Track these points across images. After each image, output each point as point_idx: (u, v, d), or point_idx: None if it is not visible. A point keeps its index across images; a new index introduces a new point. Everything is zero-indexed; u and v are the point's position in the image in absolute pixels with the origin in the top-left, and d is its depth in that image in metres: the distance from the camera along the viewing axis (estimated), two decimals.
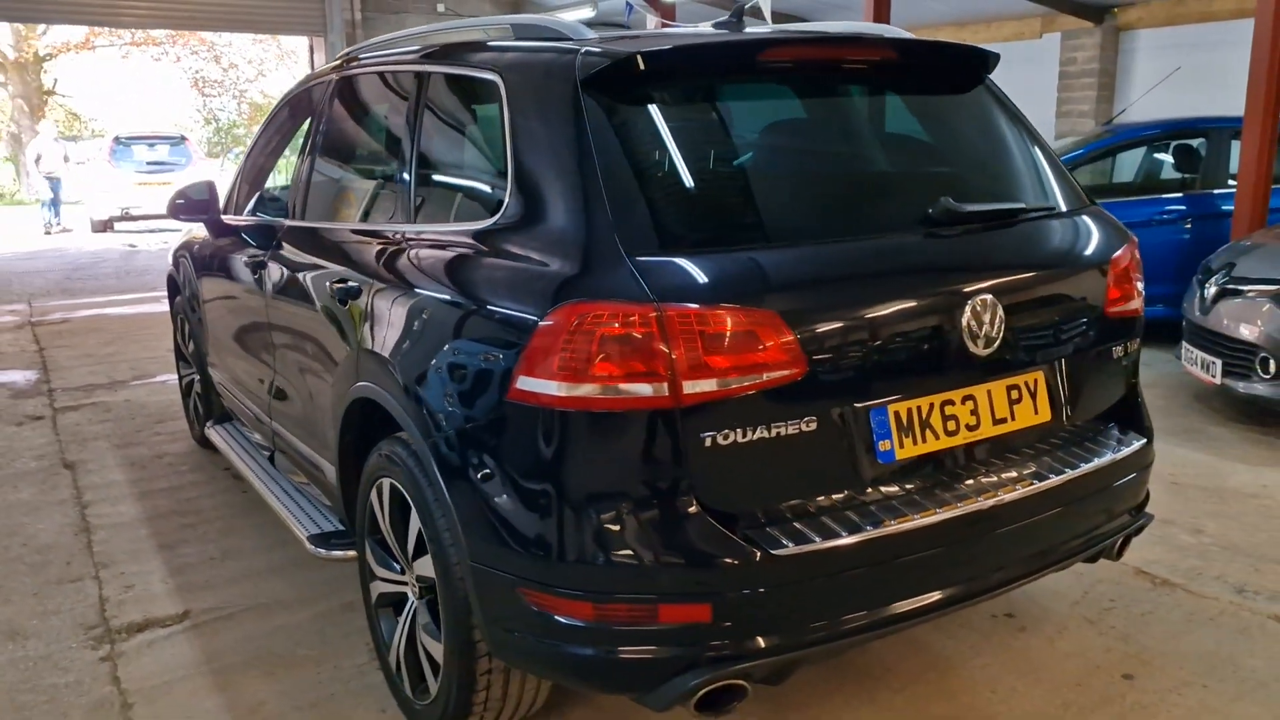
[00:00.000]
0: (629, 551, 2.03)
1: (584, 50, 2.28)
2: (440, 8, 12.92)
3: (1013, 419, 2.42)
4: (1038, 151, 2.75)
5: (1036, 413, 2.47)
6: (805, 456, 2.13)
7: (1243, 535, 3.84)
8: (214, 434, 4.55)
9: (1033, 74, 10.80)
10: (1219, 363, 5.16)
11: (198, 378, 4.88)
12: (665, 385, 1.98)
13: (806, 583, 2.09)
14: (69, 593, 3.60)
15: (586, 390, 1.99)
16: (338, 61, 3.62)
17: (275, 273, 3.48)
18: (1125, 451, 2.58)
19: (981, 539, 2.31)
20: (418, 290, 2.51)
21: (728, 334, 2.01)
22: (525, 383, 2.06)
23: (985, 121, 2.69)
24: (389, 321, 2.57)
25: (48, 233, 17.33)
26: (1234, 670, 2.93)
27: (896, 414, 2.24)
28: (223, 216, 4.24)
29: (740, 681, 2.09)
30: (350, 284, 2.80)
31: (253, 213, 3.97)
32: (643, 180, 2.14)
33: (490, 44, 2.68)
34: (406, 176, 2.81)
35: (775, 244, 2.17)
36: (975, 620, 3.22)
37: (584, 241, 2.09)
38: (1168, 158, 7.73)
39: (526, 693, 2.48)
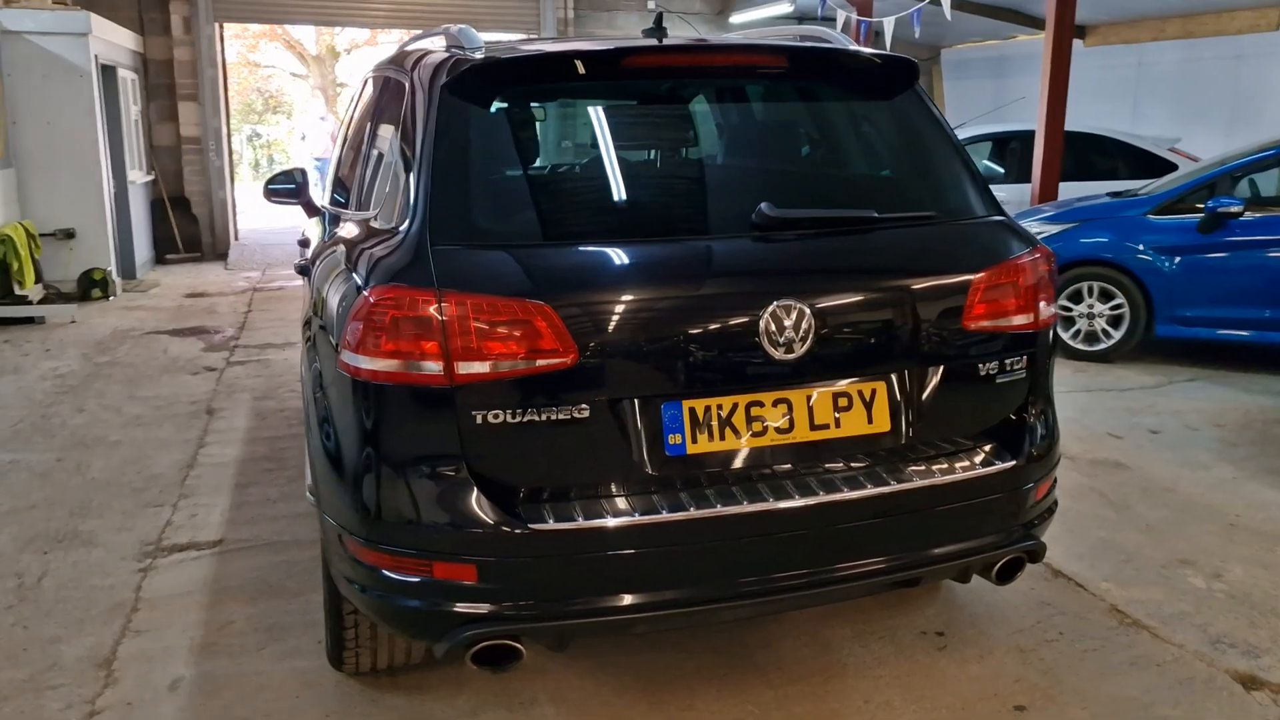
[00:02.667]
0: (411, 510, 2.27)
1: (454, 58, 2.52)
2: (650, 4, 13.33)
3: (837, 427, 2.42)
4: (938, 158, 2.69)
5: (871, 423, 2.45)
6: (583, 441, 2.27)
7: (1266, 588, 3.50)
8: None
9: (1268, 70, 9.76)
10: None
11: None
12: (440, 365, 2.19)
13: (569, 559, 2.24)
14: (148, 515, 4.25)
15: (378, 364, 2.25)
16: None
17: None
18: (981, 471, 2.50)
19: (776, 541, 2.35)
20: (330, 271, 2.84)
21: (500, 321, 2.19)
22: (344, 354, 2.34)
23: (869, 126, 2.67)
24: (314, 295, 2.94)
25: None
26: (1142, 719, 2.75)
27: (692, 410, 2.32)
28: (312, 200, 4.78)
29: (513, 643, 2.28)
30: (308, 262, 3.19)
31: (329, 198, 4.49)
32: (464, 178, 2.36)
33: (418, 50, 2.96)
34: (364, 167, 3.16)
35: (568, 242, 2.33)
36: (900, 633, 3.18)
37: (405, 230, 2.34)
38: None
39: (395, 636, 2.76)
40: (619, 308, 2.28)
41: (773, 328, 2.31)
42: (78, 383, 6.41)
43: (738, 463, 2.37)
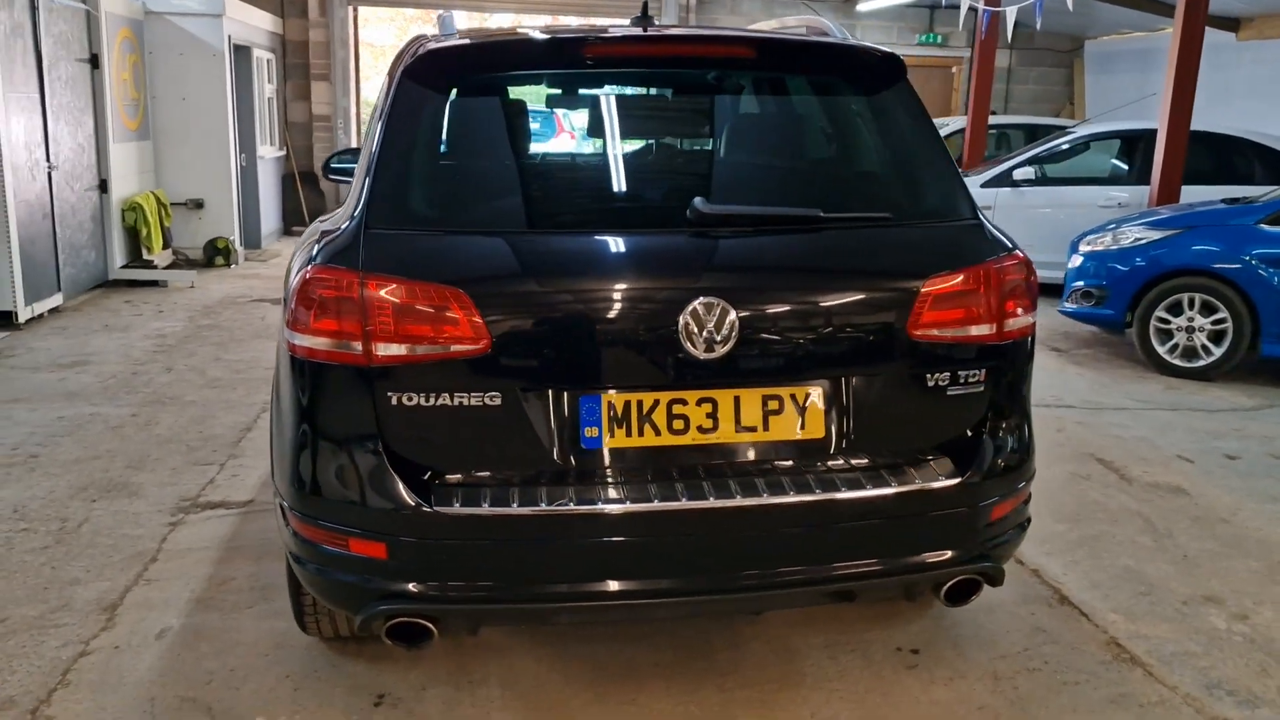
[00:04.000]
0: (333, 486, 2.34)
1: (417, 47, 2.56)
2: None
3: (765, 430, 2.36)
4: (911, 158, 2.57)
5: (803, 429, 2.38)
6: (496, 428, 2.28)
7: None
8: None
9: None
10: None
11: None
12: (360, 345, 2.25)
13: (474, 543, 2.26)
14: (194, 473, 4.50)
15: (309, 342, 2.32)
16: None
17: None
18: (921, 486, 2.38)
19: (690, 543, 2.30)
20: (294, 254, 2.92)
21: (417, 306, 2.23)
22: (285, 330, 2.42)
23: (838, 123, 2.57)
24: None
25: None
26: None
27: (610, 404, 2.30)
28: None
29: (424, 622, 2.32)
30: None
31: None
32: (407, 165, 2.41)
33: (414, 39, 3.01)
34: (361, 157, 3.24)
35: (493, 231, 2.33)
36: (874, 647, 3.08)
37: (350, 212, 2.41)
38: None
39: None
40: (534, 298, 2.28)
41: (692, 325, 2.26)
42: (175, 343, 6.82)
43: (656, 460, 2.34)
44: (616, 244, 2.38)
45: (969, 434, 2.51)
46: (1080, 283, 6.91)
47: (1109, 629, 3.22)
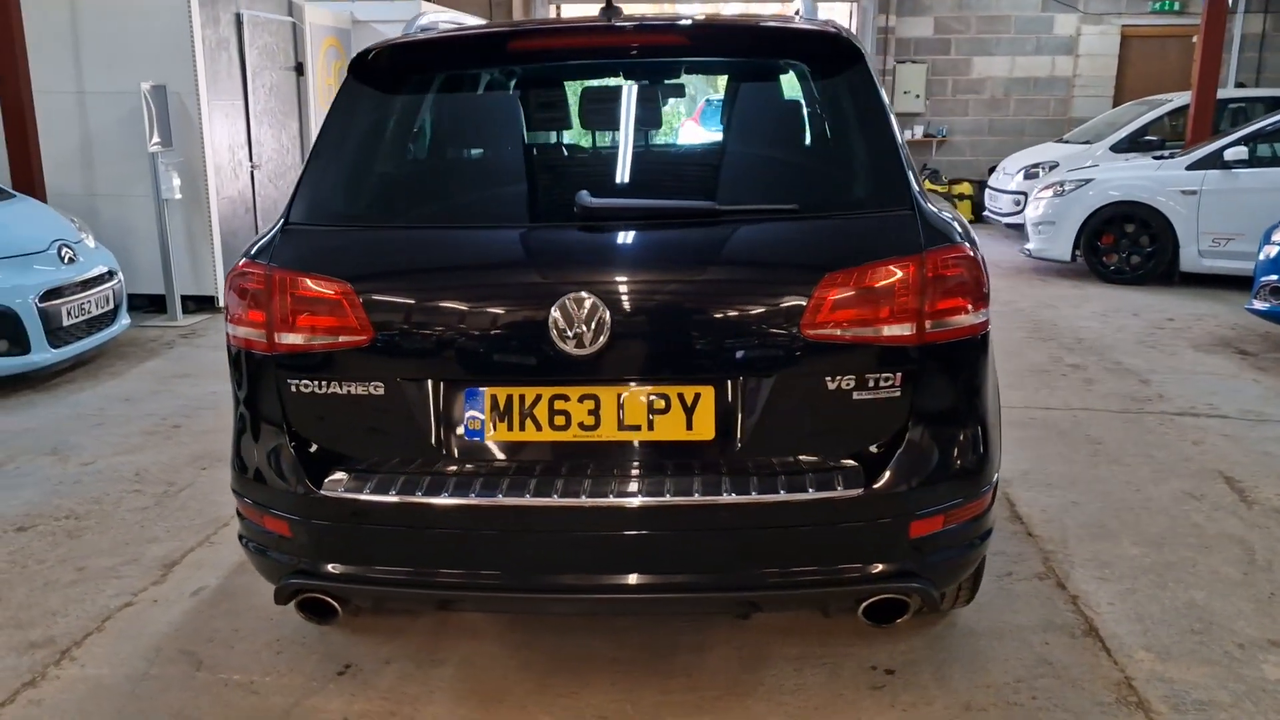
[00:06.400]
0: (252, 465, 2.50)
1: (377, 44, 2.67)
2: None
3: (650, 429, 2.29)
4: (841, 147, 2.40)
5: (691, 429, 2.29)
6: (381, 417, 2.36)
7: None
8: None
9: None
10: None
11: None
12: (265, 334, 2.39)
13: (358, 527, 2.35)
14: None
15: (235, 331, 2.49)
16: None
17: None
18: (816, 495, 2.23)
19: (561, 539, 2.28)
20: None
21: (310, 298, 2.34)
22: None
23: (765, 112, 2.44)
24: None
25: None
26: None
27: (494, 397, 2.32)
28: None
29: (327, 599, 2.44)
30: None
31: None
32: (331, 162, 2.53)
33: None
34: None
35: (388, 226, 2.40)
36: (847, 663, 2.92)
37: (283, 208, 2.56)
38: None
39: None
40: (415, 292, 2.34)
41: (562, 321, 2.23)
42: None
43: (535, 454, 2.33)
44: (497, 239, 2.39)
45: (886, 443, 2.32)
46: (1272, 276, 6.10)
47: (1129, 668, 2.87)
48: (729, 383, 2.29)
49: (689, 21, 2.49)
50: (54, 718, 2.75)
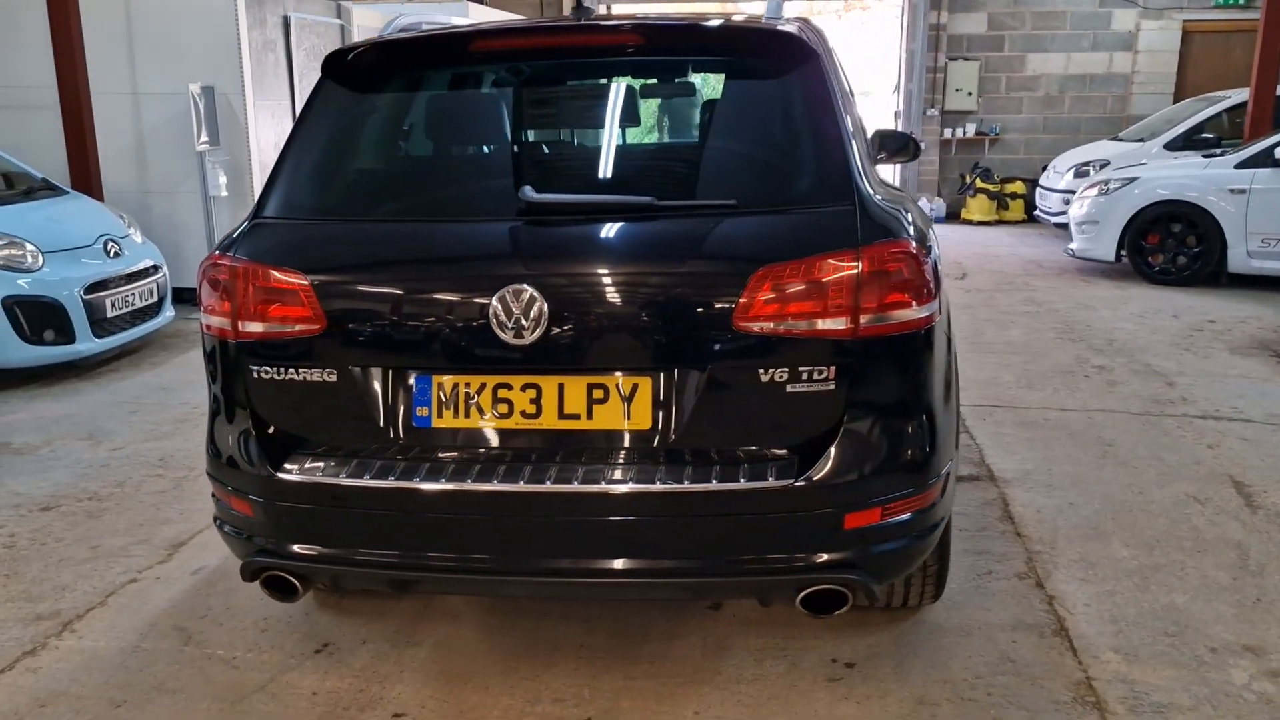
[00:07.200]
0: (220, 448, 2.62)
1: (345, 45, 2.78)
2: None
3: (589, 418, 2.35)
4: (786, 141, 2.44)
5: (629, 419, 2.35)
6: (334, 403, 2.47)
7: None
8: None
9: None
10: None
11: None
12: (230, 322, 2.51)
13: (313, 508, 2.46)
14: None
15: (206, 320, 2.61)
16: None
17: None
18: (747, 485, 2.27)
19: (504, 525, 2.35)
20: None
21: (268, 289, 2.46)
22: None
23: (712, 108, 2.49)
24: None
25: None
26: None
27: (440, 385, 2.41)
28: None
29: (290, 578, 2.56)
30: None
31: None
32: (299, 158, 2.64)
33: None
34: None
35: (341, 220, 2.51)
36: (807, 656, 2.95)
37: (256, 202, 2.68)
38: None
39: None
40: (363, 283, 2.45)
41: (501, 312, 2.30)
42: None
43: (479, 441, 2.41)
44: (445, 233, 2.48)
45: (821, 435, 2.35)
46: None
47: (1092, 669, 2.85)
48: (665, 374, 2.34)
49: (644, 22, 2.55)
50: (47, 684, 2.91)
